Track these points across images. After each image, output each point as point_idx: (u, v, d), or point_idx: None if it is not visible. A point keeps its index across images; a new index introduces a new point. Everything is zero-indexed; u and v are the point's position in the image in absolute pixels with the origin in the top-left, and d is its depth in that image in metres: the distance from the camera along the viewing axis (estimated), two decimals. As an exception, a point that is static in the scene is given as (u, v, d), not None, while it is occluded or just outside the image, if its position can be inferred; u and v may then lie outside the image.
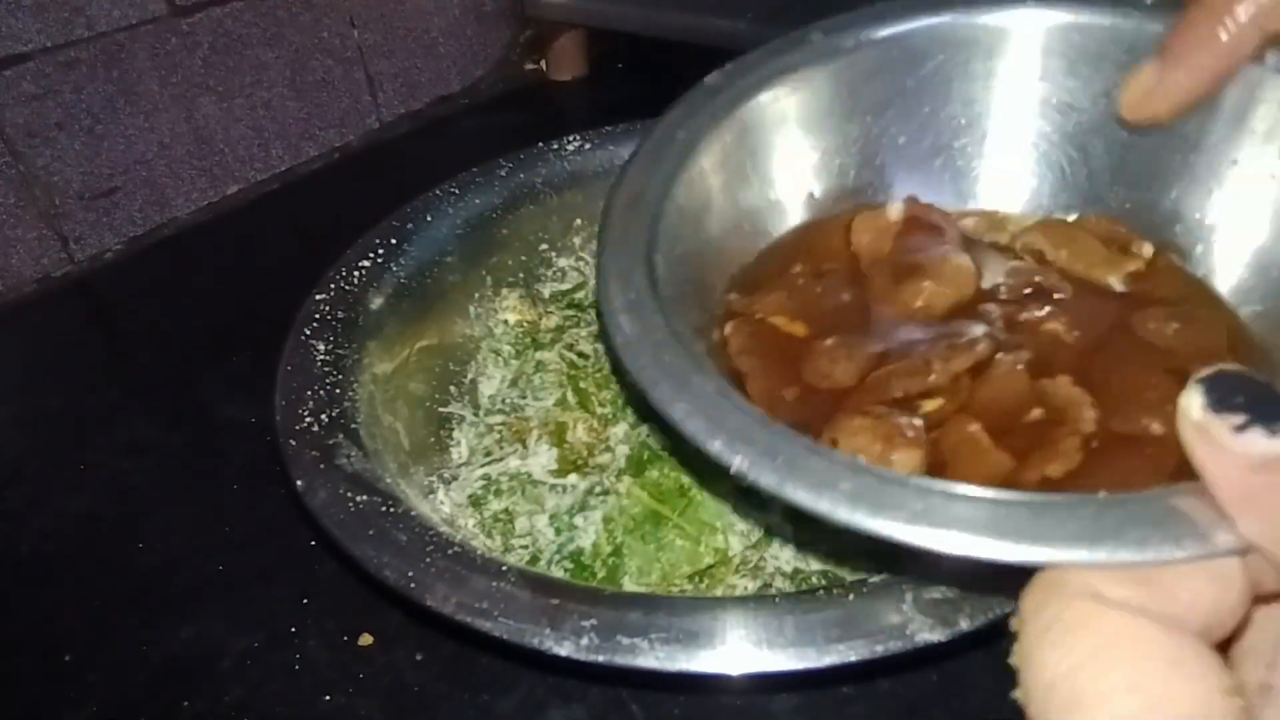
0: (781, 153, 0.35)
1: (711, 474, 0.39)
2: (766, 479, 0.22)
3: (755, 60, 0.35)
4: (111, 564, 0.44)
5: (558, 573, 0.38)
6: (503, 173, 0.52)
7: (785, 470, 0.22)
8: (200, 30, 0.67)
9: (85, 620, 0.41)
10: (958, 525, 0.20)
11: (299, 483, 0.35)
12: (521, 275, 0.52)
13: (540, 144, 0.53)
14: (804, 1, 0.62)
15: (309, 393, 0.39)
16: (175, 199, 0.70)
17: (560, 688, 0.36)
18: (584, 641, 0.29)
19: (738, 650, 0.28)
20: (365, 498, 0.34)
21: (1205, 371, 0.18)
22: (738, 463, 0.22)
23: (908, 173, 0.36)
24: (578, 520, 0.40)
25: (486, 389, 0.48)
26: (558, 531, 0.40)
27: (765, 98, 0.34)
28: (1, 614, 0.42)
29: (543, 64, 0.90)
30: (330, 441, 0.37)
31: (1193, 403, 0.18)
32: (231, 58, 0.69)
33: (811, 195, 0.36)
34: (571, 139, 0.53)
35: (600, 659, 0.28)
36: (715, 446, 0.23)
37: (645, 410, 0.42)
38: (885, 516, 0.20)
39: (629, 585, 0.38)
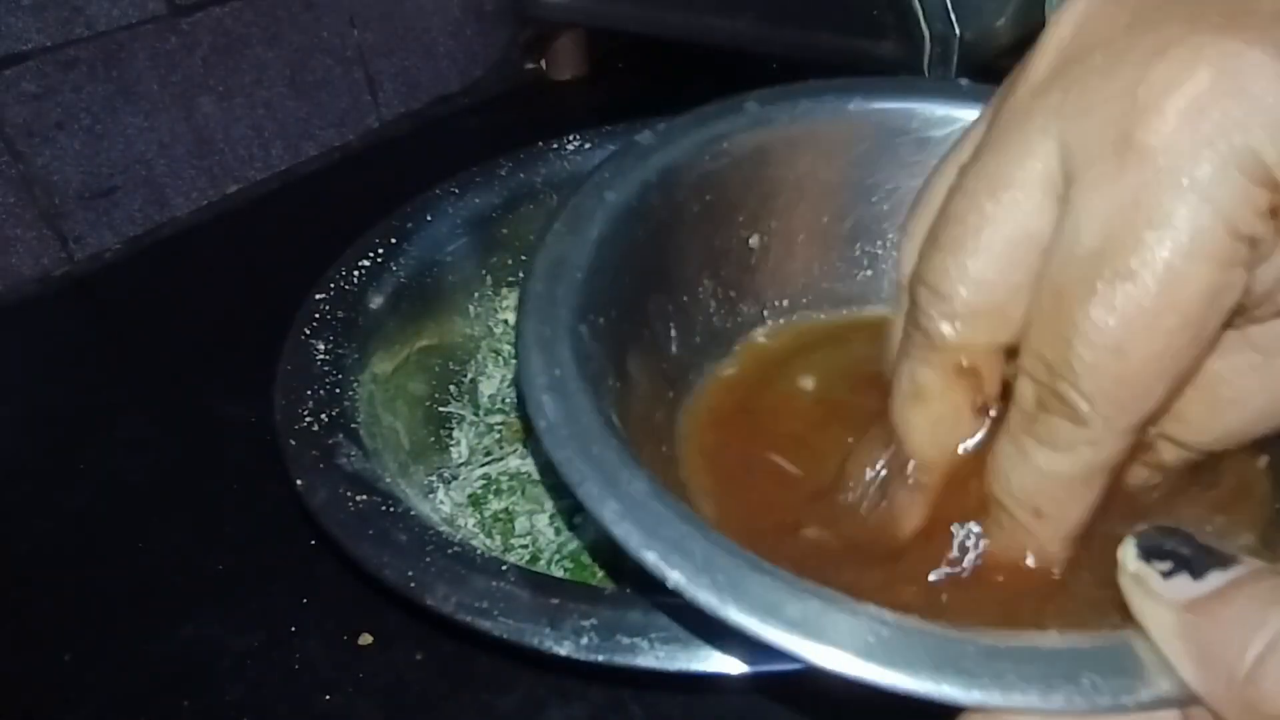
0: (715, 225, 0.34)
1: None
2: (705, 598, 0.20)
3: (689, 122, 0.33)
4: (111, 564, 0.44)
5: (558, 572, 0.38)
6: (503, 172, 0.52)
7: (727, 590, 0.20)
8: (200, 30, 0.67)
9: (85, 620, 0.41)
10: (908, 663, 0.19)
11: (299, 482, 0.35)
12: (522, 275, 0.52)
13: (540, 143, 0.53)
14: (805, 1, 0.63)
15: (309, 392, 0.39)
16: (175, 198, 0.70)
17: (560, 687, 0.36)
18: (584, 641, 0.29)
19: (738, 650, 0.28)
20: (365, 497, 0.34)
21: (1140, 528, 0.20)
22: (674, 578, 0.21)
23: (833, 258, 0.35)
24: (577, 520, 0.39)
25: (487, 388, 0.48)
26: (558, 531, 0.40)
27: (700, 163, 0.32)
28: (1, 614, 0.42)
29: (543, 64, 0.90)
30: (330, 441, 0.37)
31: (1128, 555, 0.20)
32: (231, 57, 0.69)
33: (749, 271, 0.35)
34: (571, 139, 0.54)
35: (600, 658, 0.28)
36: (649, 558, 0.21)
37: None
38: (832, 647, 0.20)
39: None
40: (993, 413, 0.24)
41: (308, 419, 0.38)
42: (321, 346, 0.41)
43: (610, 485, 0.23)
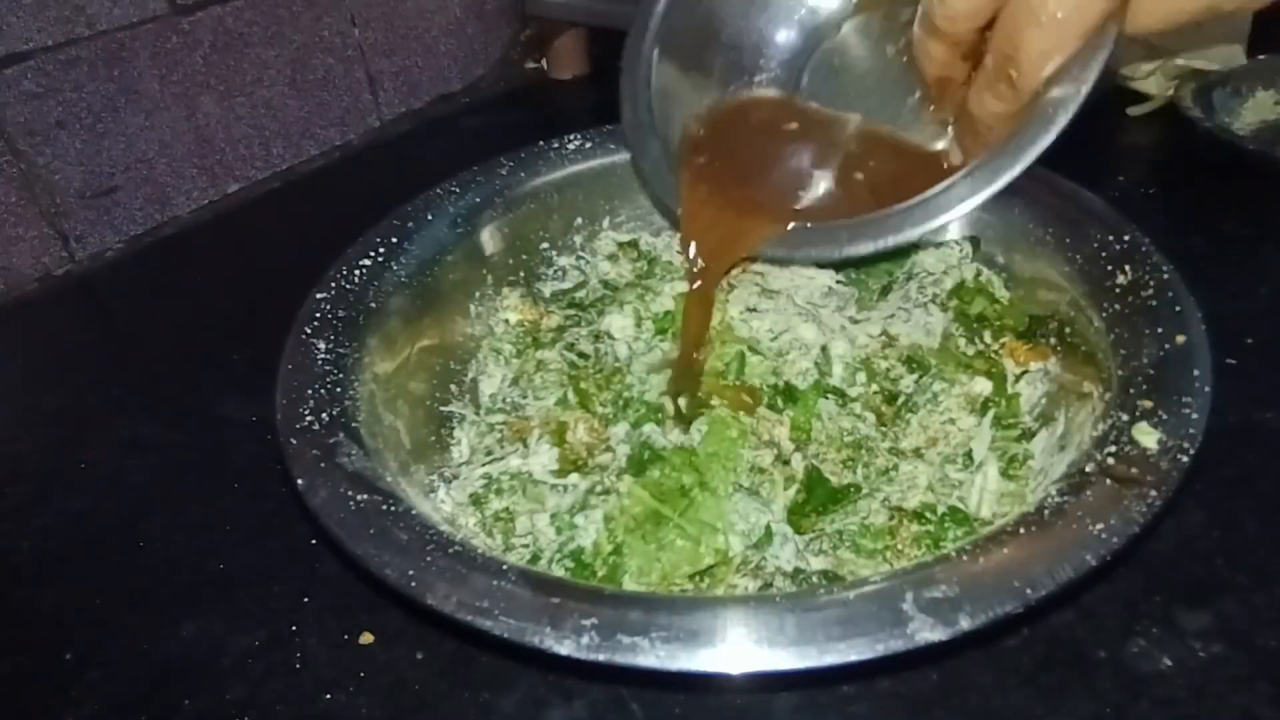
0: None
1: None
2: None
3: None
4: (111, 563, 0.44)
5: (558, 572, 0.38)
6: (503, 172, 0.52)
7: None
8: (201, 29, 0.67)
9: (85, 619, 0.41)
10: None
11: (300, 481, 0.35)
12: (522, 274, 0.52)
13: (541, 143, 0.53)
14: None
15: (310, 391, 0.39)
16: (176, 197, 0.70)
17: (560, 686, 0.36)
18: (584, 640, 0.29)
19: (738, 649, 0.28)
20: (366, 496, 0.34)
21: None
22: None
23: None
24: (578, 519, 0.39)
25: (487, 388, 0.48)
26: (558, 531, 0.40)
27: None
28: (1, 614, 0.42)
29: (543, 63, 0.90)
30: (331, 440, 0.37)
31: None
32: (232, 56, 0.69)
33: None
34: (572, 138, 0.54)
35: (600, 658, 0.28)
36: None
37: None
38: None
39: (629, 584, 0.38)
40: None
41: (308, 418, 0.38)
42: (322, 345, 0.41)
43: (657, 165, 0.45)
